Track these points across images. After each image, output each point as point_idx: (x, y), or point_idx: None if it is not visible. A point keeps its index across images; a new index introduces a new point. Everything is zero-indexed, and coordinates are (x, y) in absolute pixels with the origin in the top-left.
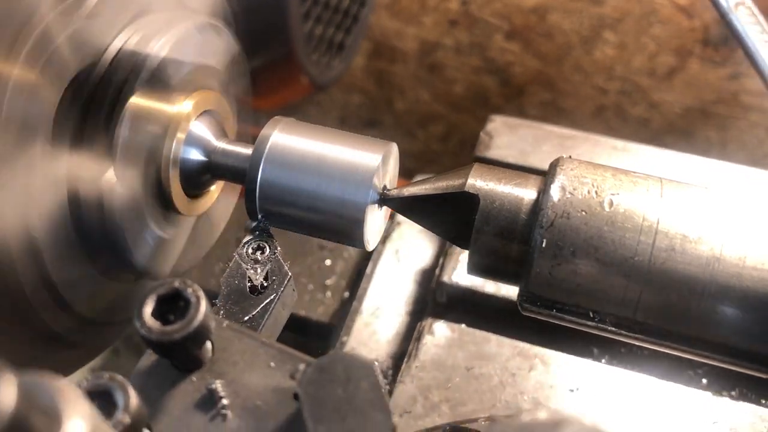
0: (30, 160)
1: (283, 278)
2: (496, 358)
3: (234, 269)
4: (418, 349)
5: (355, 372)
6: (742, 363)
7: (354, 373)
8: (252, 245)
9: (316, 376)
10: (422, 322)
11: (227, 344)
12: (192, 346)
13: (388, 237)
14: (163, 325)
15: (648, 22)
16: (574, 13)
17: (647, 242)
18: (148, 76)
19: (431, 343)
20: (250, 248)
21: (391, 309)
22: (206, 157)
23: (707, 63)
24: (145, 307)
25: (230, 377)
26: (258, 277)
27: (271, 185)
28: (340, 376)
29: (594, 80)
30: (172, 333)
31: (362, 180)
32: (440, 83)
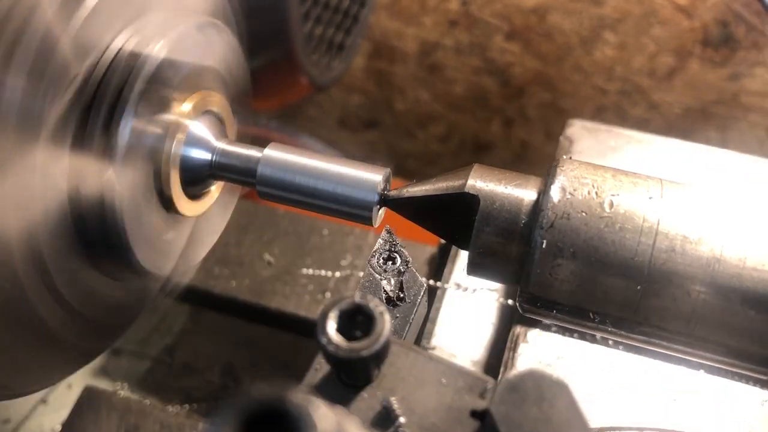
0: (30, 160)
1: (419, 288)
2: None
3: (368, 280)
4: (515, 358)
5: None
6: (742, 364)
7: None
8: (383, 255)
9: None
10: (514, 331)
11: (393, 359)
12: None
13: None
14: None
15: (648, 22)
16: (574, 14)
17: (647, 243)
18: (149, 76)
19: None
20: (381, 258)
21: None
22: (206, 158)
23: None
24: (328, 322)
25: (401, 394)
26: (394, 288)
27: None
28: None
29: (594, 81)
30: (360, 350)
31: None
32: (440, 83)
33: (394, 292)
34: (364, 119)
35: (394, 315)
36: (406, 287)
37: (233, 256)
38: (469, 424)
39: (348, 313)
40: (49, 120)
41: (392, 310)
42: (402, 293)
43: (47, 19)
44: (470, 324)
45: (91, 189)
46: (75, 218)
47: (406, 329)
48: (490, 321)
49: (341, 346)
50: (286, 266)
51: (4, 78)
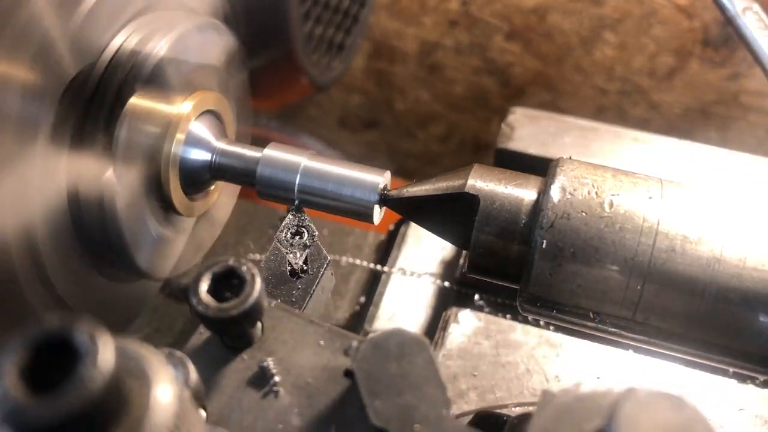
0: (30, 160)
1: (323, 261)
2: (522, 346)
3: (274, 253)
4: (445, 337)
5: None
6: (742, 364)
7: (408, 349)
8: (290, 230)
9: (370, 353)
10: (447, 311)
11: (276, 323)
12: (246, 324)
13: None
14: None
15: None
16: (574, 14)
17: (647, 243)
18: (148, 76)
19: (457, 332)
20: (289, 233)
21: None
22: (206, 158)
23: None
24: (200, 284)
25: (280, 355)
26: (298, 261)
27: None
28: (394, 352)
29: (594, 81)
30: (229, 310)
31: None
32: (440, 84)
33: (298, 264)
34: (364, 119)
35: (296, 286)
36: (310, 260)
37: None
38: (341, 382)
39: (221, 276)
40: (48, 120)
41: (295, 282)
42: (306, 266)
43: (46, 18)
44: (411, 307)
45: (90, 189)
46: (74, 218)
47: (306, 299)
48: (430, 305)
49: (210, 305)
50: None
51: (4, 78)
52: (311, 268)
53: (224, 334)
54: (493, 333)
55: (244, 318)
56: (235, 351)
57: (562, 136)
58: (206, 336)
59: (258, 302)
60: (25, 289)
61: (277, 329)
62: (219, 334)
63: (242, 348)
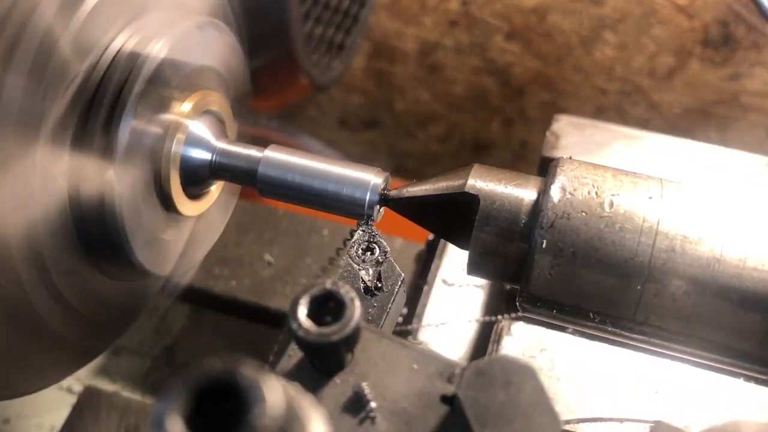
0: (30, 160)
1: (397, 279)
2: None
3: (347, 270)
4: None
5: (516, 375)
6: (742, 364)
7: (514, 376)
8: (362, 245)
9: (475, 379)
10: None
11: (366, 346)
12: (345, 348)
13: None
14: (318, 326)
15: (648, 22)
16: (574, 14)
17: (647, 243)
18: (148, 76)
19: (511, 345)
20: (360, 248)
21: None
22: (206, 158)
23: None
24: (299, 308)
25: (373, 380)
26: (372, 278)
27: None
28: (500, 379)
29: (594, 81)
30: (330, 335)
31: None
32: (440, 84)
33: (372, 281)
34: (364, 119)
35: (371, 304)
36: (384, 277)
37: (233, 256)
38: (439, 408)
39: (319, 299)
40: (48, 120)
41: (369, 300)
42: (380, 283)
43: (47, 18)
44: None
45: (91, 189)
46: (75, 218)
47: (383, 318)
48: (475, 317)
49: (311, 330)
50: (286, 266)
51: (4, 78)
52: (386, 285)
53: (319, 358)
54: (548, 346)
55: (344, 343)
56: (327, 375)
57: (608, 144)
58: (296, 359)
59: (359, 327)
60: (27, 289)
61: (368, 352)
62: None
63: (333, 372)
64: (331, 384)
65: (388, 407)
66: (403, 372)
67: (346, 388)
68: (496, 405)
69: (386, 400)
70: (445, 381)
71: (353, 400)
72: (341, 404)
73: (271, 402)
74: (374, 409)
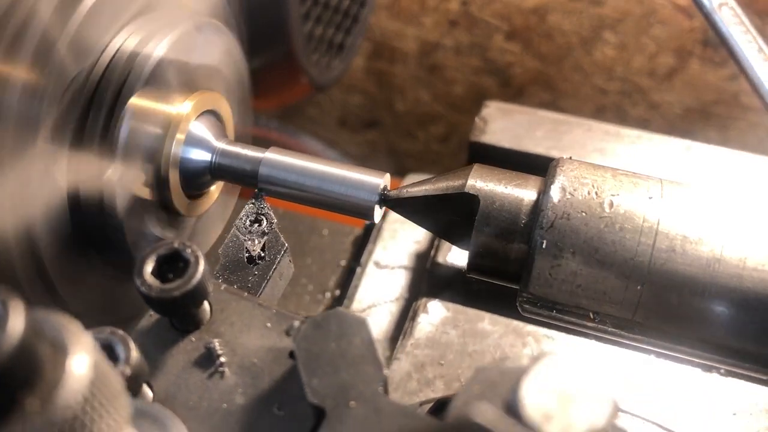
0: (30, 160)
1: (280, 248)
2: (489, 335)
3: (232, 240)
4: (413, 327)
5: (349, 327)
6: (742, 364)
7: (348, 328)
8: (250, 217)
9: (311, 332)
10: (417, 301)
11: (225, 306)
12: (191, 305)
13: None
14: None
15: (648, 22)
16: (574, 14)
17: (647, 243)
18: (148, 76)
19: (426, 322)
20: (248, 220)
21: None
22: (206, 158)
23: (707, 63)
24: (145, 266)
25: (228, 337)
26: (255, 247)
27: None
28: (334, 331)
29: (594, 81)
30: (172, 290)
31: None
32: (440, 84)
33: (255, 251)
34: (364, 119)
35: (252, 272)
36: (268, 247)
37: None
38: (286, 363)
39: (166, 258)
40: (48, 120)
41: (251, 268)
42: (263, 252)
43: (46, 18)
44: (385, 300)
45: (90, 189)
46: (74, 218)
47: (262, 285)
48: (403, 297)
49: (154, 286)
50: None
51: (4, 78)
52: (268, 255)
53: (171, 315)
54: (461, 322)
55: (188, 299)
56: (183, 333)
57: (535, 129)
58: (156, 318)
59: (201, 284)
60: (26, 288)
61: (226, 312)
62: (165, 315)
63: (191, 330)
64: (186, 341)
65: (238, 362)
66: (256, 330)
67: (200, 345)
68: (327, 355)
69: (237, 356)
70: None
71: (204, 355)
72: (192, 359)
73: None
74: (224, 364)
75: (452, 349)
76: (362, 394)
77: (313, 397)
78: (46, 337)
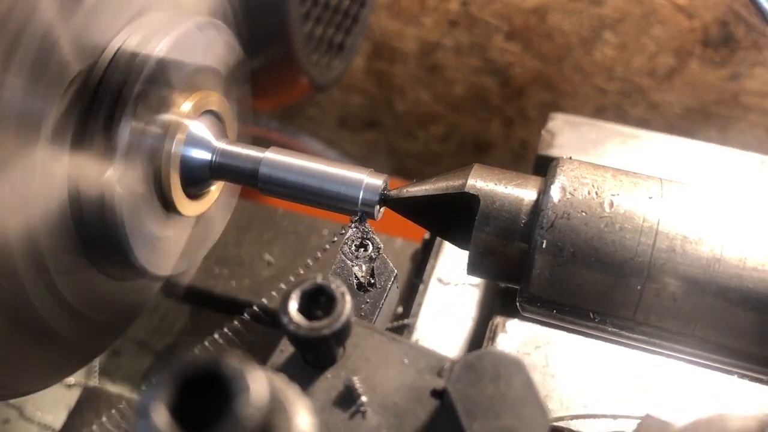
0: (30, 160)
1: (390, 275)
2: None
3: (340, 266)
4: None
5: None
6: (743, 365)
7: (503, 370)
8: (355, 242)
9: (465, 374)
10: (493, 320)
11: (358, 341)
12: (336, 343)
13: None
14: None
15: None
16: (574, 14)
17: (647, 243)
18: (148, 76)
19: (506, 342)
20: (353, 245)
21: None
22: (206, 158)
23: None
24: (290, 303)
25: (364, 374)
26: (364, 274)
27: None
28: (489, 373)
29: (594, 81)
30: (321, 329)
31: None
32: (440, 84)
33: (365, 277)
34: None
35: (364, 300)
36: (377, 273)
37: (233, 256)
38: (429, 402)
39: (310, 294)
40: (49, 120)
41: (362, 296)
42: (373, 279)
43: (47, 18)
44: (452, 318)
45: (91, 189)
46: (75, 218)
47: (376, 314)
48: (470, 315)
49: (302, 325)
50: (286, 266)
51: (4, 78)
52: (378, 282)
53: (310, 352)
54: (542, 343)
55: (335, 337)
56: (317, 369)
57: (603, 142)
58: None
59: (349, 321)
60: (27, 289)
61: (360, 347)
62: (305, 352)
63: (325, 366)
64: (323, 378)
65: (378, 401)
66: (394, 366)
67: (337, 383)
68: (485, 398)
69: (377, 395)
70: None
71: (344, 394)
72: (332, 398)
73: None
74: (365, 404)
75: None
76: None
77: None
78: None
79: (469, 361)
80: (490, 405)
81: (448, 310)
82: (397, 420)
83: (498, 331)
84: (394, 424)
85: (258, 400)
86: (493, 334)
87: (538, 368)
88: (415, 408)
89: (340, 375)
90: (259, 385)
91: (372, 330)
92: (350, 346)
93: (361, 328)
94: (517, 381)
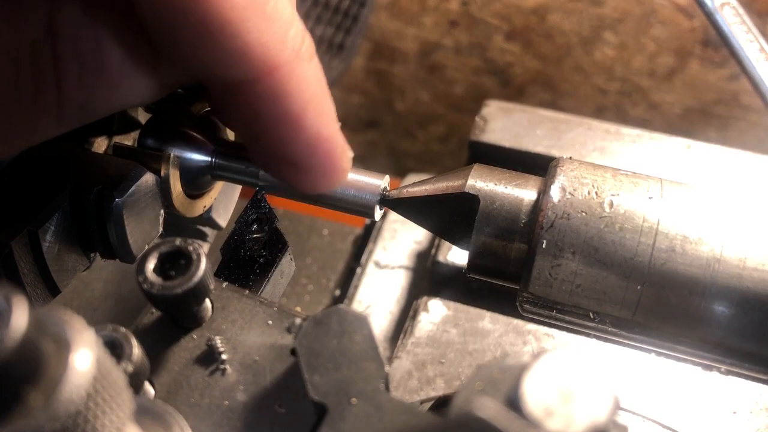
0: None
1: (282, 247)
2: (490, 334)
3: (233, 238)
4: (414, 326)
5: (350, 325)
6: (742, 364)
7: (348, 326)
8: (251, 216)
9: (312, 330)
10: (418, 300)
11: (226, 303)
12: (192, 302)
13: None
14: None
15: (648, 22)
16: (574, 14)
17: (647, 243)
18: None
19: (427, 320)
20: (249, 218)
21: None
22: (207, 158)
23: (707, 63)
24: (147, 263)
25: (229, 334)
26: (256, 246)
27: None
28: (336, 329)
29: (594, 81)
30: (174, 288)
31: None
32: (440, 84)
33: (257, 249)
34: (364, 119)
35: (253, 270)
36: (269, 246)
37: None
38: (287, 360)
39: (169, 256)
40: None
41: (252, 266)
42: (264, 251)
43: None
44: (386, 300)
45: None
46: (75, 217)
47: (264, 284)
48: (404, 297)
49: (156, 283)
50: None
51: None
52: (269, 254)
53: (172, 312)
54: (461, 321)
55: (190, 296)
56: (185, 331)
57: (534, 128)
58: (157, 315)
59: (203, 281)
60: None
61: (227, 309)
62: (167, 312)
63: (192, 327)
64: (187, 338)
65: (239, 360)
66: (258, 327)
67: (201, 342)
68: (328, 352)
69: (238, 353)
70: None
71: (206, 353)
72: (194, 357)
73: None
74: (225, 361)
75: (453, 348)
76: (363, 391)
77: (314, 394)
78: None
79: (317, 317)
80: (331, 358)
81: (383, 292)
82: (255, 376)
83: (420, 310)
84: (251, 380)
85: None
86: (415, 313)
87: (456, 345)
88: (274, 365)
89: (204, 335)
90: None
91: (240, 294)
92: (218, 309)
93: (231, 292)
94: (359, 336)
